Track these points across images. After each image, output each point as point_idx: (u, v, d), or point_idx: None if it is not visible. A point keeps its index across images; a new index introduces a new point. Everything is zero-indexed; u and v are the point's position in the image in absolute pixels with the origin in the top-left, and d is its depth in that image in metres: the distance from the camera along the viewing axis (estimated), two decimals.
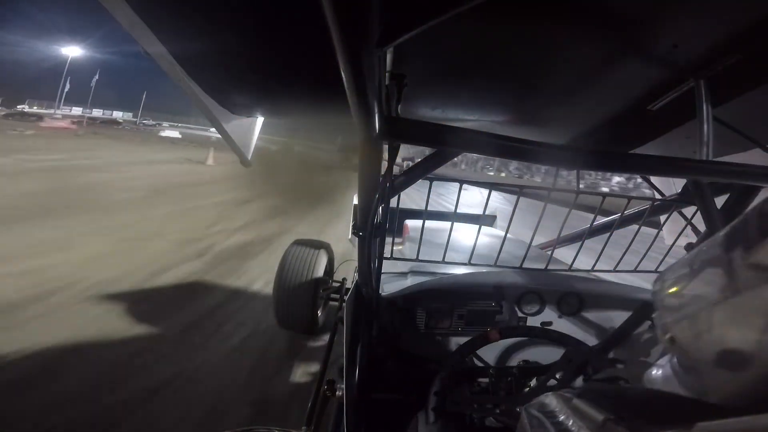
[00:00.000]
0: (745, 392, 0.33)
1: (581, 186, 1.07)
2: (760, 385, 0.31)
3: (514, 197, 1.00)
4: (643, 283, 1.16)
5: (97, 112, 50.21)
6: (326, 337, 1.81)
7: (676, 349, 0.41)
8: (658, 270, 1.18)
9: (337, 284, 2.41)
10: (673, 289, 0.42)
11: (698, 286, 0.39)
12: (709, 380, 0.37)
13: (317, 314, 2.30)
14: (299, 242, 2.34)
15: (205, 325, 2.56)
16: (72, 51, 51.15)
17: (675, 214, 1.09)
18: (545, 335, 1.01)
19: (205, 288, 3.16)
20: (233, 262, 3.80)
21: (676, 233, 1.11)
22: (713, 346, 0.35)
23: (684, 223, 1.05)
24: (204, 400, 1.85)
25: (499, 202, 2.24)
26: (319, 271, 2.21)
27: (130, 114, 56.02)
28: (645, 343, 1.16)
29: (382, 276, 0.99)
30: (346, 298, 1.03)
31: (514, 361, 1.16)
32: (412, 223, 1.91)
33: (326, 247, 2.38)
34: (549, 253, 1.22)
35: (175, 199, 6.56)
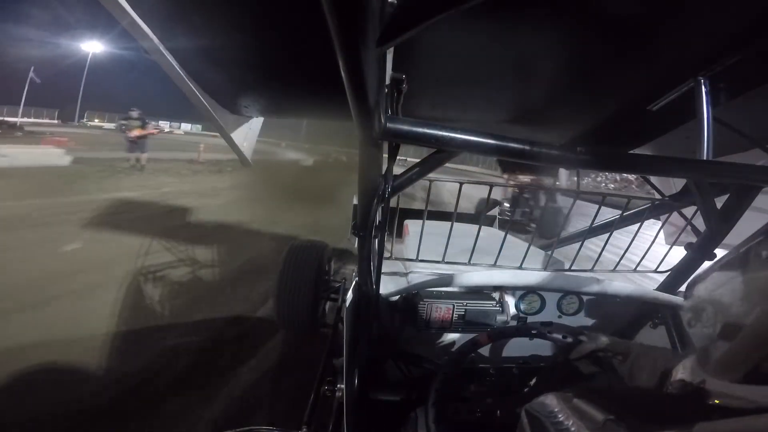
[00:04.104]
0: (737, 359, 0.35)
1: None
2: (748, 353, 0.34)
3: None
4: (644, 282, 1.16)
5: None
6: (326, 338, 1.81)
7: (695, 327, 0.44)
8: (658, 270, 1.18)
9: (337, 284, 2.41)
10: (706, 287, 0.45)
11: (726, 288, 0.41)
12: (713, 351, 0.40)
13: (318, 315, 2.30)
14: (298, 243, 2.34)
15: None
16: (93, 47, 39.03)
17: (675, 214, 1.09)
18: (549, 336, 0.99)
19: None
20: None
21: (676, 233, 1.11)
22: (719, 321, 0.39)
23: (684, 223, 1.05)
24: None
25: None
26: (320, 272, 2.21)
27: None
28: (645, 342, 1.15)
29: (382, 276, 0.99)
30: (346, 298, 1.02)
31: (514, 359, 1.16)
32: (412, 223, 1.90)
33: (326, 248, 2.38)
34: (549, 253, 1.22)
35: None
